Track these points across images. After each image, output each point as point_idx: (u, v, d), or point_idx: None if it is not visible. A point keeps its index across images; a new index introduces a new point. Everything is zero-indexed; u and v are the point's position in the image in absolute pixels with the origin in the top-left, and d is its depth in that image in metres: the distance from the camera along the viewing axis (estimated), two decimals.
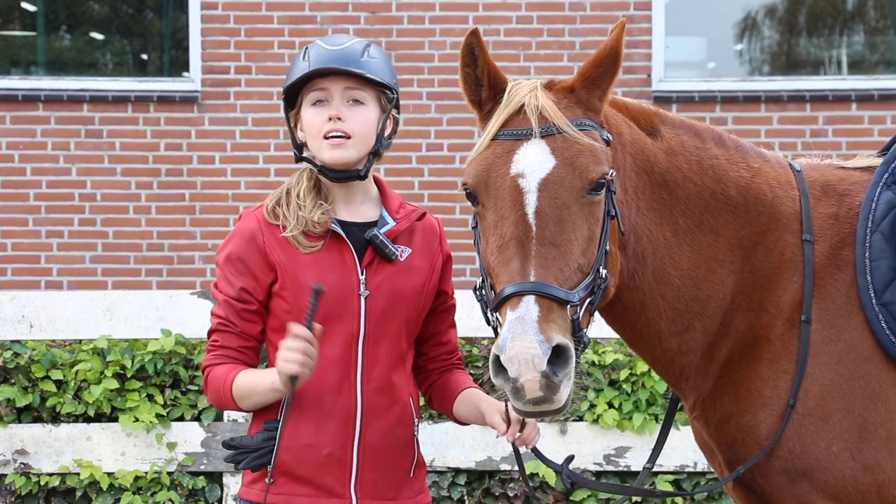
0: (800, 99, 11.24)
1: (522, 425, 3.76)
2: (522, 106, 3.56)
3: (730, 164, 3.87)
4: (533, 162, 3.50)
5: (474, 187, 3.57)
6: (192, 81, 11.28)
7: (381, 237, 3.87)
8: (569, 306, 3.39)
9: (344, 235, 3.88)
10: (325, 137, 3.85)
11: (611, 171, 3.55)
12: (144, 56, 12.30)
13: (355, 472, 3.86)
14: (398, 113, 4.01)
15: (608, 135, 3.63)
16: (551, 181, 3.48)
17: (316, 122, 3.87)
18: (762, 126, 11.19)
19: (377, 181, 4.07)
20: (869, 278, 3.74)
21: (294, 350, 3.66)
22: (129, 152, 11.21)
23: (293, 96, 3.95)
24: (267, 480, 3.85)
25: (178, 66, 11.71)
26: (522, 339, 3.30)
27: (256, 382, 3.82)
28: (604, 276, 3.51)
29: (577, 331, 3.41)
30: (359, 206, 3.96)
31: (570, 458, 3.91)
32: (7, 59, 11.93)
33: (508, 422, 3.76)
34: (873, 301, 3.72)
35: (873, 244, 3.76)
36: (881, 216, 3.78)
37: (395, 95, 3.97)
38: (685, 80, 11.43)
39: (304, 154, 3.96)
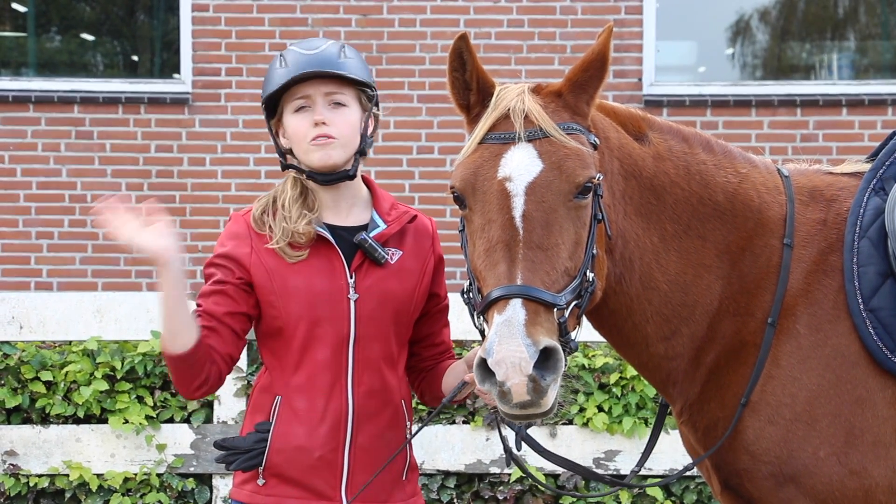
0: (790, 103, 11.25)
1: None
2: (510, 110, 3.56)
3: (717, 170, 3.87)
4: (520, 166, 3.50)
5: (462, 191, 3.57)
6: (182, 83, 11.27)
7: (369, 241, 3.88)
8: (556, 310, 3.38)
9: (332, 240, 3.88)
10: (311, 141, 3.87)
11: (598, 174, 3.55)
12: (135, 57, 12.30)
13: (346, 475, 3.87)
14: (378, 110, 4.03)
15: (595, 139, 3.64)
16: (539, 185, 3.48)
17: (301, 129, 3.87)
18: (753, 130, 11.20)
19: (368, 182, 4.07)
20: (856, 284, 3.74)
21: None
22: (120, 154, 11.20)
23: (274, 104, 3.95)
24: (258, 482, 3.87)
25: (169, 67, 11.70)
26: (510, 342, 3.29)
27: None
28: (591, 279, 3.51)
29: (563, 334, 3.40)
30: (349, 210, 3.97)
31: (529, 425, 3.88)
32: None
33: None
34: (861, 307, 3.73)
35: (861, 250, 3.76)
36: (869, 222, 3.78)
37: (375, 93, 3.98)
38: (676, 85, 11.44)
39: (290, 161, 3.97)
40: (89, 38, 12.16)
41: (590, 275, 3.51)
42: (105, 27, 12.22)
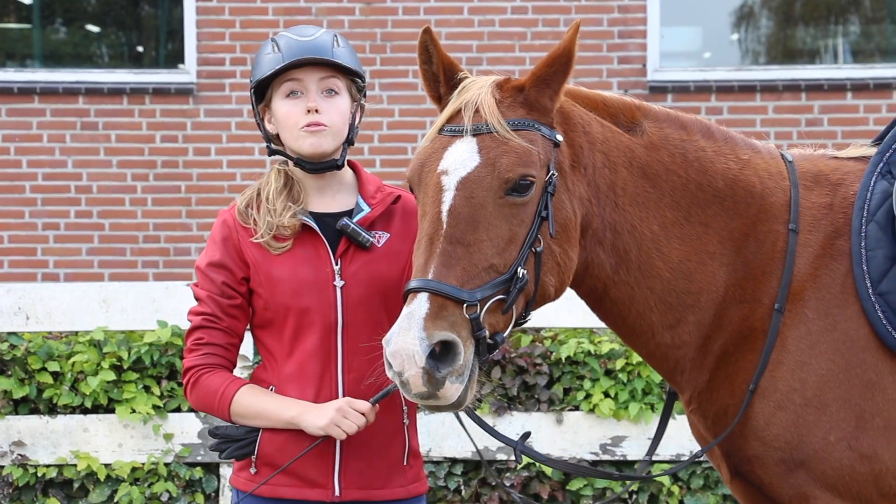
0: (795, 88, 11.24)
1: None
2: (464, 103, 3.58)
3: (717, 156, 3.85)
4: (457, 160, 3.53)
5: (410, 181, 3.64)
6: (187, 73, 11.28)
7: (352, 226, 3.88)
8: (466, 305, 3.40)
9: (317, 228, 3.90)
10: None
11: (550, 172, 3.55)
12: (140, 48, 12.29)
13: (338, 463, 3.89)
14: (365, 100, 4.05)
15: (558, 135, 3.62)
16: (470, 180, 3.49)
17: (292, 115, 3.88)
18: (757, 115, 11.19)
19: (353, 166, 4.09)
20: (865, 268, 3.73)
21: (352, 424, 3.77)
22: (125, 144, 11.21)
23: (262, 89, 3.96)
24: (251, 470, 3.89)
25: (174, 58, 11.70)
26: (406, 335, 3.35)
27: (268, 410, 3.86)
28: (521, 275, 3.49)
29: (478, 329, 3.41)
30: (333, 196, 3.98)
31: (527, 435, 3.94)
32: (2, 51, 11.92)
33: None
34: (870, 291, 3.71)
35: (869, 234, 3.75)
36: (876, 206, 3.77)
37: (364, 84, 4.01)
38: (680, 70, 11.43)
39: (276, 147, 3.98)
40: (94, 29, 12.16)
41: (521, 271, 3.49)
42: (109, 18, 12.22)
